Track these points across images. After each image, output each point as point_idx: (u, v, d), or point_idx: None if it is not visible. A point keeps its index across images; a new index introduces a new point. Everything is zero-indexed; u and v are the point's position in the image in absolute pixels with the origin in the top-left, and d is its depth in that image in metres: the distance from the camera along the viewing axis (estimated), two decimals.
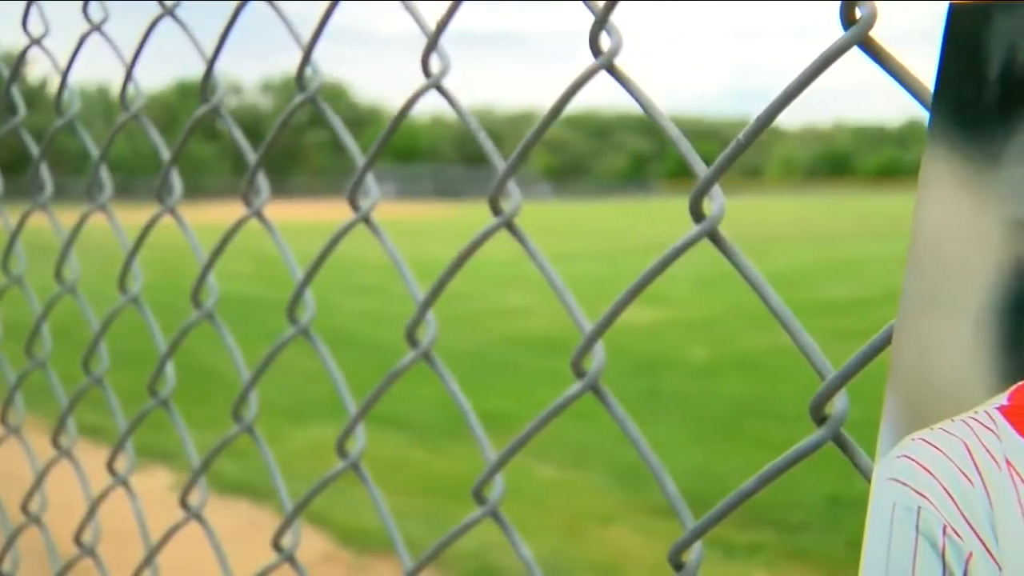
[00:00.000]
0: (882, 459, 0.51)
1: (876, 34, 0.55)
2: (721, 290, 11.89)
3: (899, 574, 0.50)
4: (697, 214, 0.62)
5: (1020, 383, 0.48)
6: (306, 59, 0.93)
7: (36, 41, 1.40)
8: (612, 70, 0.68)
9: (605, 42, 0.68)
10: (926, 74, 0.53)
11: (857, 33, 0.55)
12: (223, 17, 1.02)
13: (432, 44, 0.81)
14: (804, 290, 12.43)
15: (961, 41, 0.50)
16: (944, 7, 0.51)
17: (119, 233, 1.22)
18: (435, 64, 0.83)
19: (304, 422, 6.17)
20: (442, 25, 0.80)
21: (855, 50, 0.56)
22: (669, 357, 9.07)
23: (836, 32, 0.56)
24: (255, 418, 1.09)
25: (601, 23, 0.67)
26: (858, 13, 0.55)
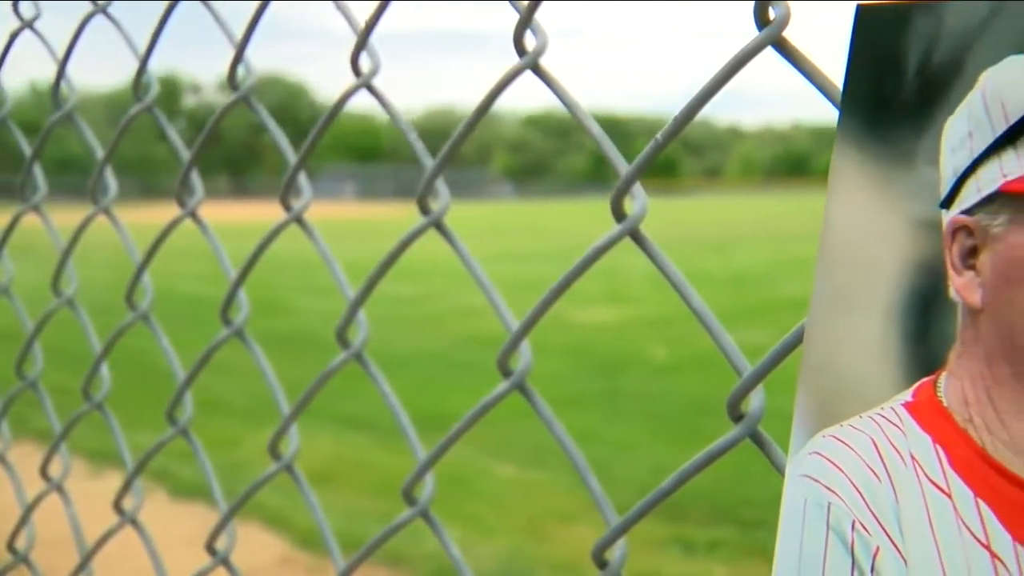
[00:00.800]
0: (794, 455, 0.52)
1: (790, 34, 0.56)
2: None
3: (810, 569, 0.50)
4: (618, 213, 0.63)
5: (923, 380, 0.48)
6: (238, 58, 0.92)
7: None
8: (537, 70, 0.68)
9: (530, 41, 0.68)
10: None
11: (771, 34, 0.56)
12: (182, 17, 1.01)
13: (361, 43, 0.81)
14: (765, 289, 12.55)
15: (870, 42, 0.51)
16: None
17: (53, 234, 1.20)
18: (365, 63, 0.82)
19: (262, 424, 6.12)
20: (370, 25, 0.79)
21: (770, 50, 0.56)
22: (630, 356, 9.11)
23: (802, 31, 0.56)
24: (190, 419, 1.08)
25: (525, 23, 0.67)
26: (772, 14, 0.56)
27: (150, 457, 1.12)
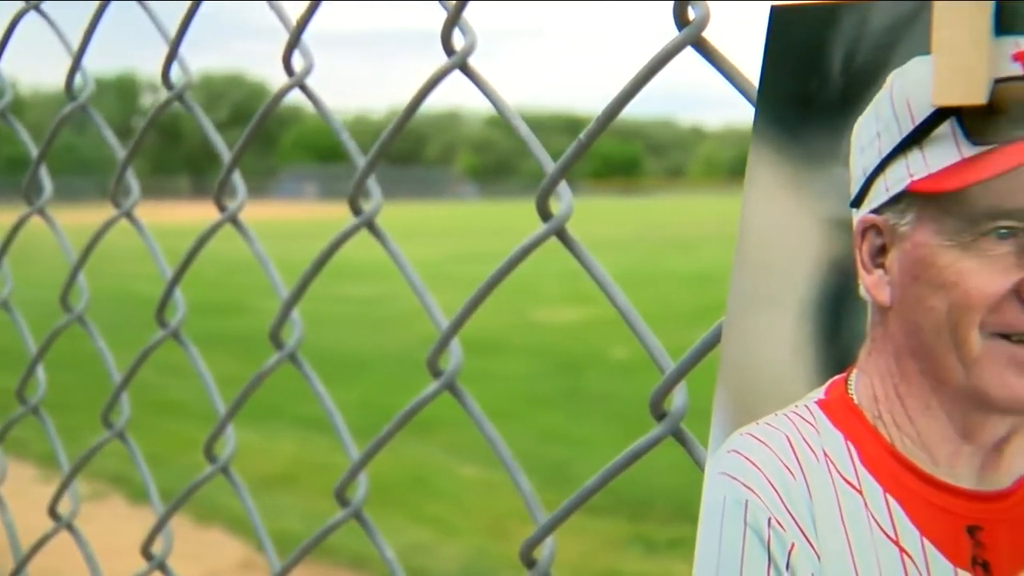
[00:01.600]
0: (713, 453, 0.52)
1: (709, 34, 0.56)
2: (643, 289, 12.03)
3: (729, 566, 0.51)
4: (544, 213, 0.63)
5: (835, 377, 0.49)
6: (171, 57, 0.91)
7: None
8: (466, 69, 0.68)
9: (459, 41, 0.68)
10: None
11: (691, 34, 0.56)
12: (140, 16, 0.99)
13: (293, 42, 0.80)
14: (728, 287, 12.61)
15: (784, 43, 0.51)
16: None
17: None
18: (298, 62, 0.82)
19: None
20: (302, 24, 0.79)
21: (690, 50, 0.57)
22: (592, 355, 9.14)
23: (750, 31, 0.56)
24: (127, 422, 1.07)
25: (453, 21, 0.67)
26: (691, 14, 0.56)
27: (85, 461, 1.10)
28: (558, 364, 8.56)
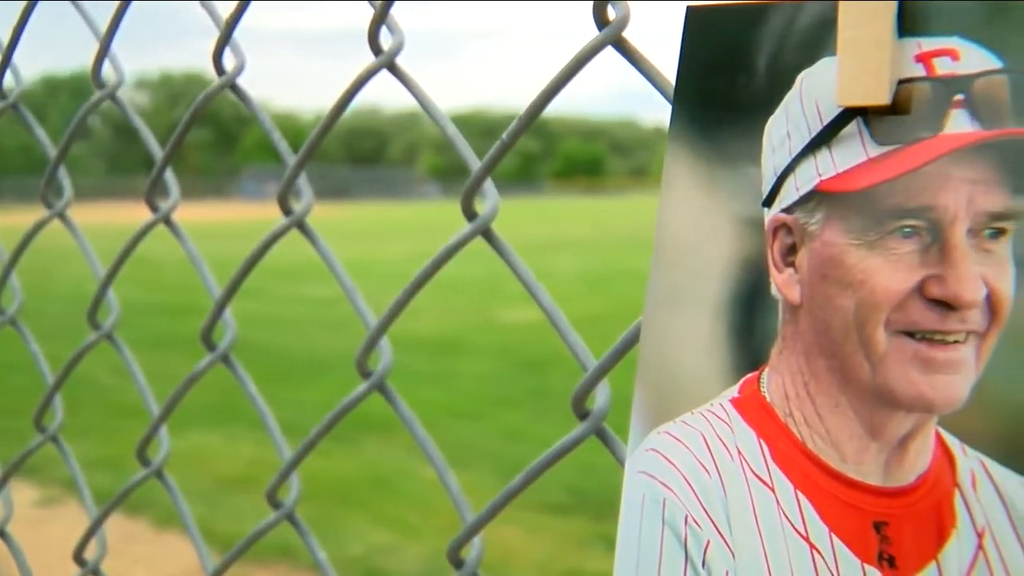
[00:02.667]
0: (632, 452, 0.53)
1: (630, 34, 0.56)
2: (608, 288, 12.08)
3: (647, 563, 0.51)
4: (469, 213, 0.62)
5: (748, 376, 0.49)
6: (102, 55, 0.90)
7: None
8: (393, 68, 0.68)
9: (386, 40, 0.68)
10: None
11: (611, 34, 0.56)
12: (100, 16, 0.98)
13: (224, 40, 0.79)
14: None
15: (699, 43, 0.52)
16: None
17: None
18: (229, 60, 0.81)
19: (182, 430, 6.01)
20: (232, 20, 0.78)
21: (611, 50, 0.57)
22: (555, 355, 9.16)
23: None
24: (60, 427, 1.05)
25: (379, 21, 0.67)
26: (611, 14, 0.56)
27: (16, 468, 1.09)
28: (521, 363, 8.57)
